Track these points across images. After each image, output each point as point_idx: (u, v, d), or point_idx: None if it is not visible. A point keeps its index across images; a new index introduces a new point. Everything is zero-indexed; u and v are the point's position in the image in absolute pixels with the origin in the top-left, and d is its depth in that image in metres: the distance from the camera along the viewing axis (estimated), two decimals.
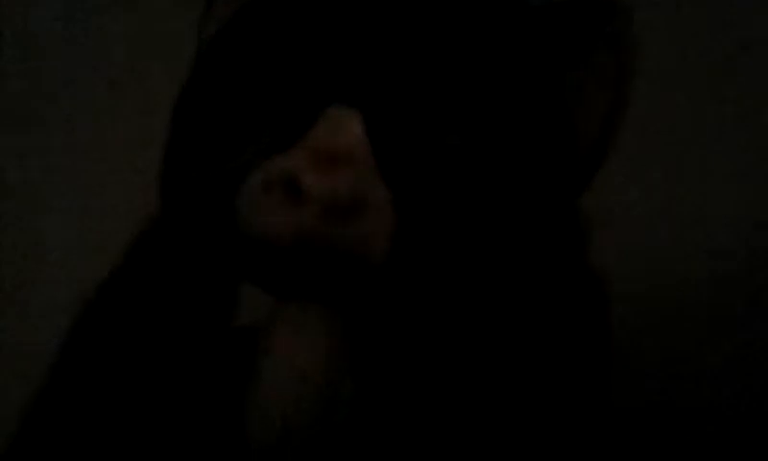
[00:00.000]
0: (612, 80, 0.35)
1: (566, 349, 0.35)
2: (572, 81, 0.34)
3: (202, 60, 0.35)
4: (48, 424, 0.37)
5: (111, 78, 0.56)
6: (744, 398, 0.53)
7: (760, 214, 0.54)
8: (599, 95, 0.35)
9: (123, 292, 0.38)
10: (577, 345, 0.35)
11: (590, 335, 0.36)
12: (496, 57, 0.33)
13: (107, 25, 0.57)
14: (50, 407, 0.37)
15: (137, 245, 0.39)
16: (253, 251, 0.31)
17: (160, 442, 0.34)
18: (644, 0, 0.36)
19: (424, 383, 0.33)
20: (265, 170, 0.31)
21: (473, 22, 0.33)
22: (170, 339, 0.35)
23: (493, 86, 0.32)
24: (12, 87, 0.58)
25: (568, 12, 0.34)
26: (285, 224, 0.30)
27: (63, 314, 0.53)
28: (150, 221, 0.38)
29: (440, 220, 0.31)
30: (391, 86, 0.31)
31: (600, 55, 0.35)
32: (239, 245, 0.31)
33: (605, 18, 0.35)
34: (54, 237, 0.56)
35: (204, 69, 0.35)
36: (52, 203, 0.57)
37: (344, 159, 0.30)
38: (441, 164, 0.31)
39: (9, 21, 0.58)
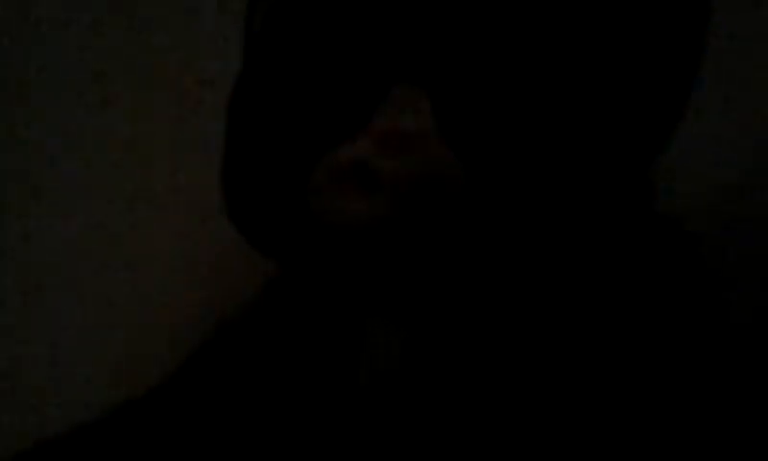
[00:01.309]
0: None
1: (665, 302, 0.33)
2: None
3: (254, 52, 0.35)
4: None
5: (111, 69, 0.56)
6: None
7: None
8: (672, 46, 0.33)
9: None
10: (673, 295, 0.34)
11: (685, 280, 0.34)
12: (556, 19, 0.31)
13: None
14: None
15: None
16: (328, 238, 0.31)
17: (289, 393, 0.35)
18: None
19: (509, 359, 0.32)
20: (335, 157, 0.31)
21: None
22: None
23: (554, 51, 0.31)
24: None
25: None
26: (359, 210, 0.30)
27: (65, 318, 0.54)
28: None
29: (513, 191, 0.31)
30: (452, 62, 0.31)
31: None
32: (312, 233, 0.32)
33: None
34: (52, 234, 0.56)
35: (258, 60, 0.34)
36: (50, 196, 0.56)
37: (413, 141, 0.30)
38: (509, 135, 0.31)
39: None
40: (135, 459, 0.37)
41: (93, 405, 0.40)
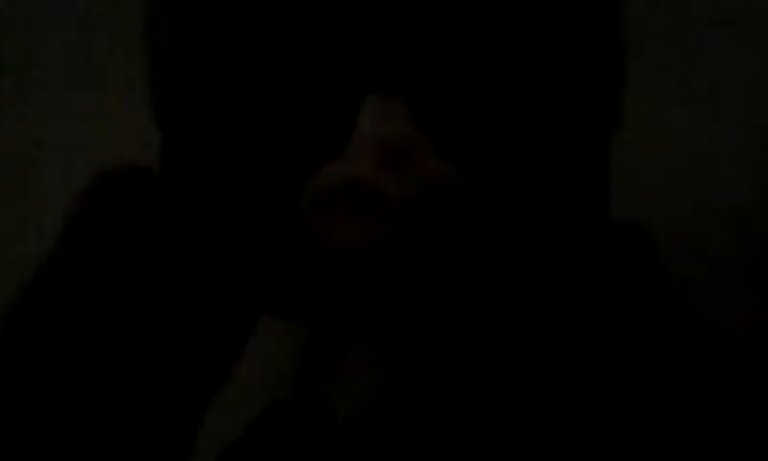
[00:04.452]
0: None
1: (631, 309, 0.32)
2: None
3: (202, 59, 0.30)
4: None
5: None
6: None
7: None
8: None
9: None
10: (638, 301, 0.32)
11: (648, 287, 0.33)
12: (514, 21, 0.29)
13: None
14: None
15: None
16: (317, 265, 0.29)
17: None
18: None
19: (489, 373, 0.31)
20: (325, 177, 0.28)
21: None
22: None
23: (516, 47, 0.29)
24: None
25: None
26: (357, 229, 0.28)
27: None
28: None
29: (504, 186, 0.29)
30: (423, 66, 0.28)
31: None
32: (297, 263, 0.29)
33: None
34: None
35: (210, 70, 0.30)
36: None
37: (407, 152, 0.28)
38: (490, 133, 0.29)
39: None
40: None
41: None
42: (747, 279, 0.48)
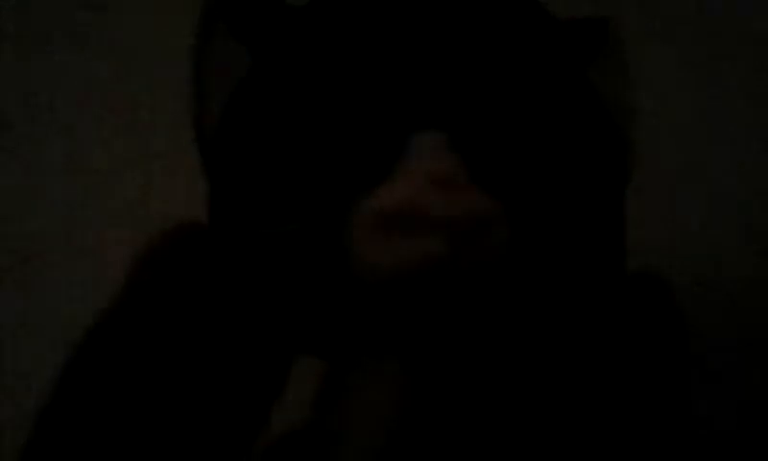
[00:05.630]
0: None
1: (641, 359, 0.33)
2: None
3: (245, 93, 0.31)
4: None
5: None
6: None
7: None
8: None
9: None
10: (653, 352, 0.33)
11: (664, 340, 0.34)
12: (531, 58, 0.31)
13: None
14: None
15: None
16: (371, 289, 0.29)
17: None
18: None
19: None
20: (375, 201, 0.29)
21: (516, 28, 0.32)
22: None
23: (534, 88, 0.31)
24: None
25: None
26: (413, 253, 0.29)
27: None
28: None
29: (546, 222, 0.30)
30: (472, 103, 0.30)
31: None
32: (348, 286, 0.29)
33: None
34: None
35: (250, 102, 0.31)
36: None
37: (455, 182, 0.29)
38: (534, 170, 0.30)
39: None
40: None
41: None
42: None
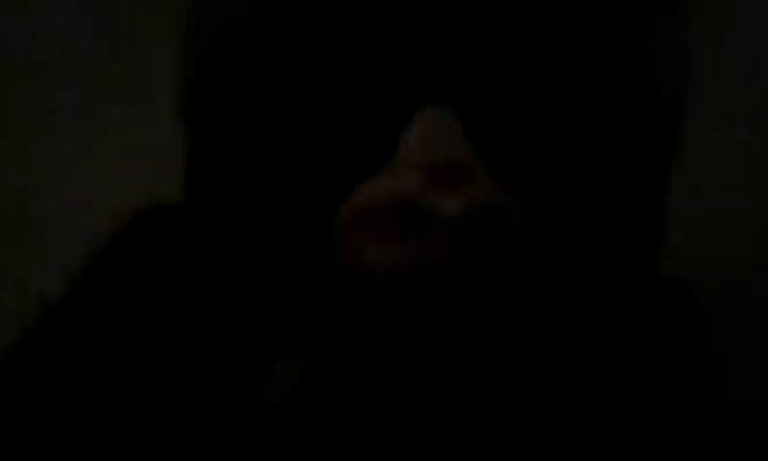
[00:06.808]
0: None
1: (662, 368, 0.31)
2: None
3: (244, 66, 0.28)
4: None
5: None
6: None
7: None
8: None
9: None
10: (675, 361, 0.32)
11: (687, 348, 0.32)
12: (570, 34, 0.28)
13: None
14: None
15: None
16: (357, 288, 0.26)
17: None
18: None
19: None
20: (367, 194, 0.26)
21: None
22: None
23: (572, 63, 0.28)
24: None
25: None
26: (404, 254, 0.25)
27: None
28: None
29: (570, 218, 0.27)
30: (479, 78, 0.27)
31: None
32: (334, 283, 0.26)
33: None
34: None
35: (254, 75, 0.28)
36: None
37: (459, 169, 0.25)
38: (545, 157, 0.27)
39: None
40: None
41: None
42: None
